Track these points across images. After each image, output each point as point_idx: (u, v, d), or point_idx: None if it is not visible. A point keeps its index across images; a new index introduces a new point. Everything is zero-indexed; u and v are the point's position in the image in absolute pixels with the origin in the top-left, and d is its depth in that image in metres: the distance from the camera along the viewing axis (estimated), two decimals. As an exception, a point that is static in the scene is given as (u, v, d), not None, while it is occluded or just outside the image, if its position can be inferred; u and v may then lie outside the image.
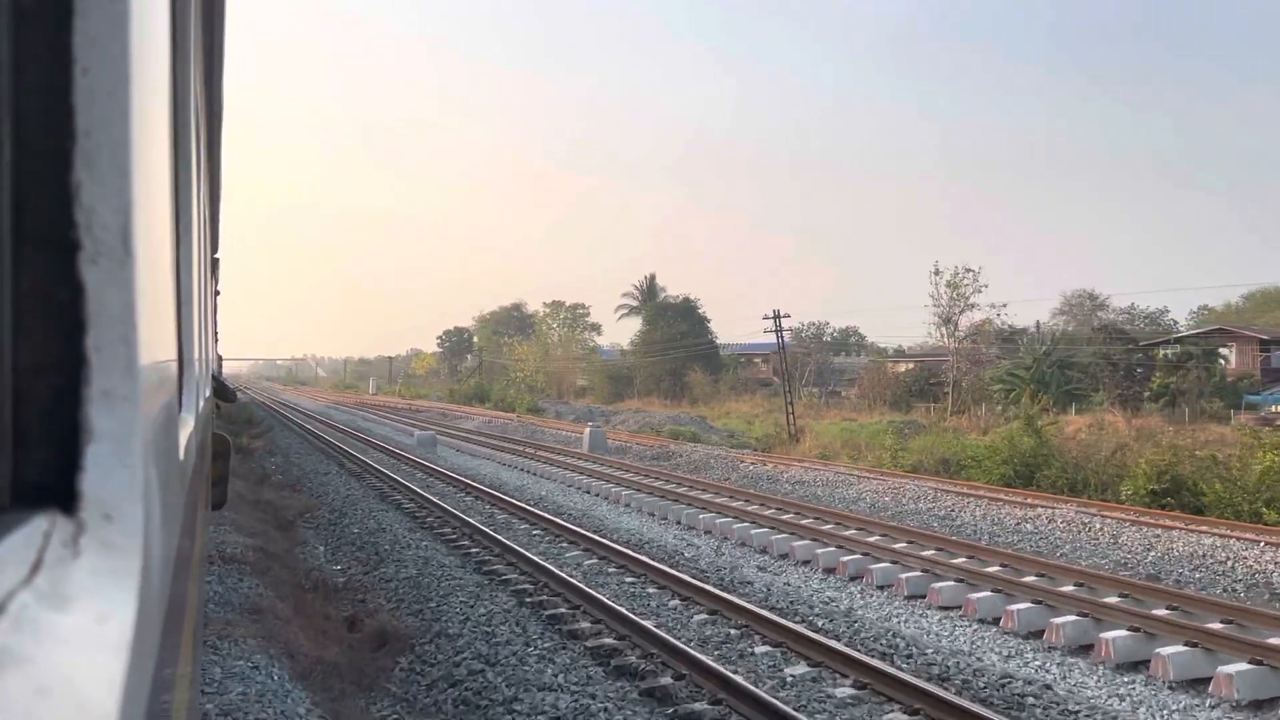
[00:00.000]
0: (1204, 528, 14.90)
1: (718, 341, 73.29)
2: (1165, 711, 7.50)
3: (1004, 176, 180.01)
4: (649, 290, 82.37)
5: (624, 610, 9.21)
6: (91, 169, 0.61)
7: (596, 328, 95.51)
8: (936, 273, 48.74)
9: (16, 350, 0.60)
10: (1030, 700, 7.40)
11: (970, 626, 9.85)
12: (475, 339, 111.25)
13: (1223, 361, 51.29)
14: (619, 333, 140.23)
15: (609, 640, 8.68)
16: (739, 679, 7.20)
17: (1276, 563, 12.56)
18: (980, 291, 48.93)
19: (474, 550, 13.07)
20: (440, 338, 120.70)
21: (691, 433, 39.52)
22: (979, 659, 8.64)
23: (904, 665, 8.14)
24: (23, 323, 0.60)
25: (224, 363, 34.06)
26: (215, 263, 7.60)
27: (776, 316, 43.01)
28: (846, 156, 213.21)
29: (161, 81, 1.08)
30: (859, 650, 8.31)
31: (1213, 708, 7.58)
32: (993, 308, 50.69)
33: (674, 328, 70.93)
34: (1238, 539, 13.82)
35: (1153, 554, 13.47)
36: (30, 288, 0.60)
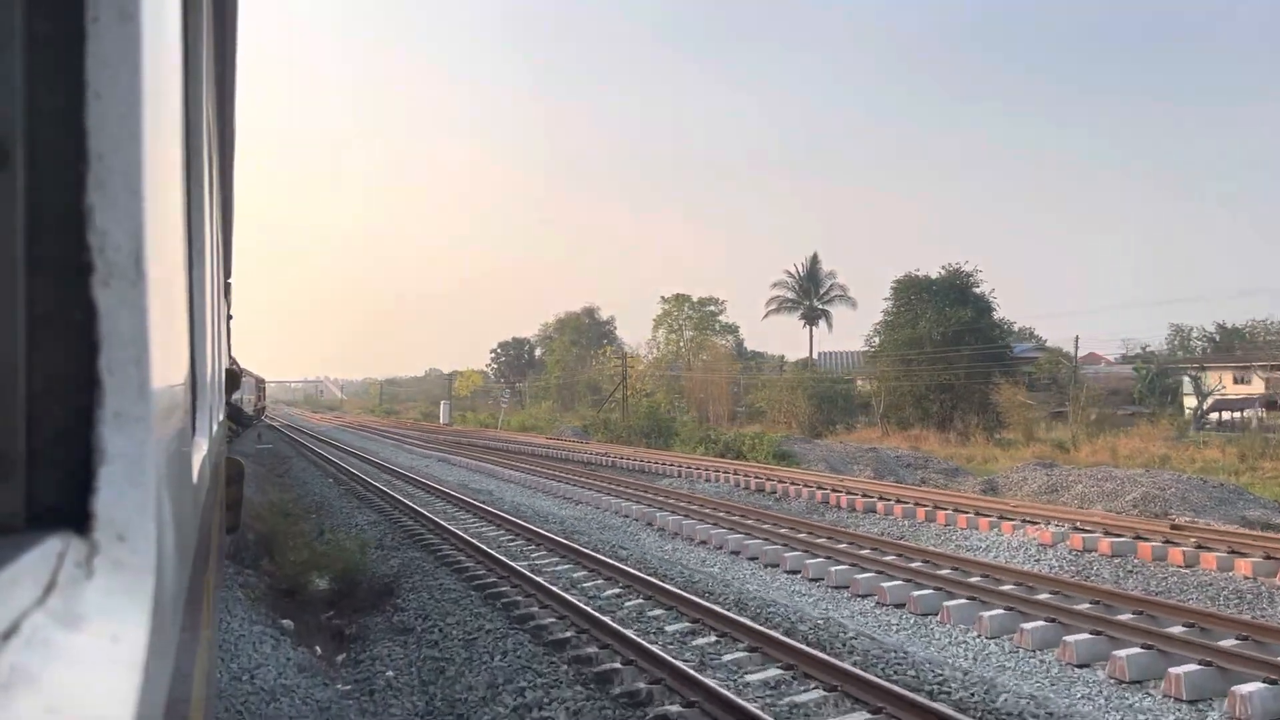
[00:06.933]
0: None
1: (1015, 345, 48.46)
2: None
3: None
4: (810, 276, 62.53)
5: None
6: (104, 192, 0.62)
7: (733, 329, 72.21)
8: None
9: (30, 371, 0.61)
10: None
11: None
12: (538, 351, 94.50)
13: None
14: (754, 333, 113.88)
15: None
16: None
17: None
18: None
19: None
20: (495, 350, 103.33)
21: None
22: None
23: None
24: (36, 344, 0.61)
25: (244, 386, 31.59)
26: (228, 287, 7.61)
27: None
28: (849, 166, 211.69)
29: (174, 105, 1.08)
30: None
31: None
32: None
33: (951, 318, 42.20)
34: None
35: None
36: (44, 310, 0.61)
